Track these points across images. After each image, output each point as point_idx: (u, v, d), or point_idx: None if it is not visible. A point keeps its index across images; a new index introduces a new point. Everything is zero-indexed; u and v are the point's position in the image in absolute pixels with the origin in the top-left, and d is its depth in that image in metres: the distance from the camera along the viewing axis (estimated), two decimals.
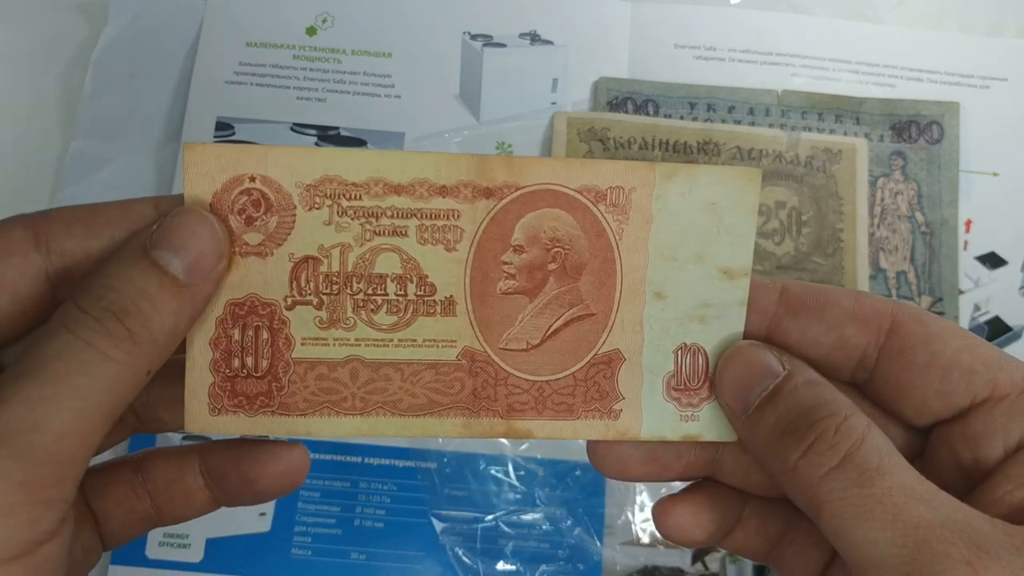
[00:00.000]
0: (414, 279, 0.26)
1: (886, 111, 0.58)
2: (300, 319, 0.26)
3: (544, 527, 0.52)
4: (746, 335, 0.28)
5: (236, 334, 0.26)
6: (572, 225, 0.27)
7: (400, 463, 0.53)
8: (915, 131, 0.58)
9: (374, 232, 0.26)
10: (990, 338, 0.56)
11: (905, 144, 0.58)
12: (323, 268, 0.26)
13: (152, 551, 0.52)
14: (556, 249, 0.27)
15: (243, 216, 0.26)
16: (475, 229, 0.26)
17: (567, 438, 0.27)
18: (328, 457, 0.53)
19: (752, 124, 0.58)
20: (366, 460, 0.53)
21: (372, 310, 0.26)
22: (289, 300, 0.26)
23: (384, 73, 0.59)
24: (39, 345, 0.22)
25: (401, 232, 0.26)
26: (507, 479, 0.53)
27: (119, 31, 0.60)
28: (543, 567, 0.52)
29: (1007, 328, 0.57)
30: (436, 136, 0.58)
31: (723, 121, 0.58)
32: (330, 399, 0.26)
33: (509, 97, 0.59)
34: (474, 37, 0.60)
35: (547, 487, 0.53)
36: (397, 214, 0.26)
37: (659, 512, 0.29)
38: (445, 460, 0.53)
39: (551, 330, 0.27)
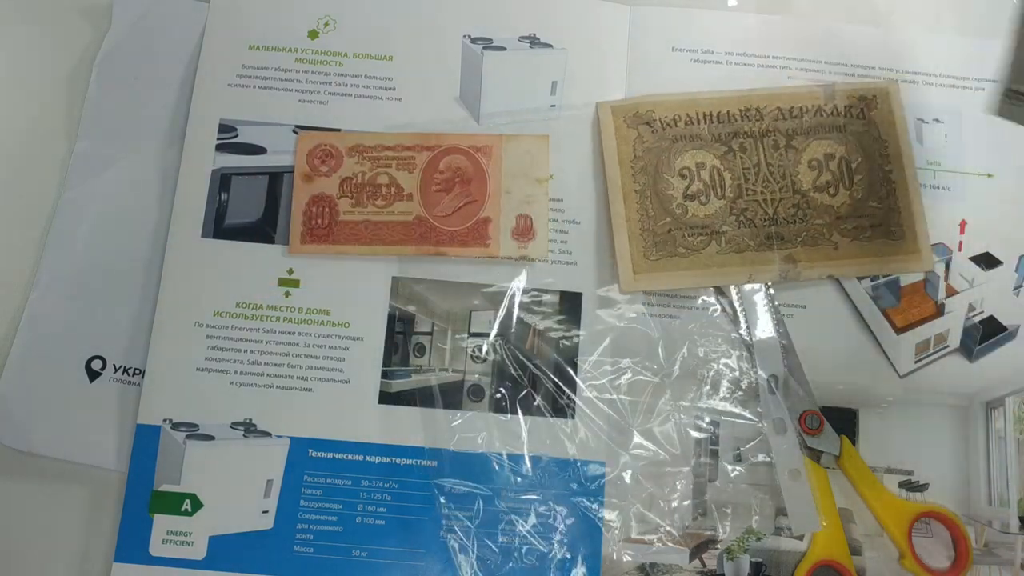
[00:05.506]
0: (394, 185, 0.57)
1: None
2: (344, 203, 0.56)
3: (544, 523, 0.53)
4: None
5: (315, 210, 0.56)
6: (465, 162, 0.57)
7: (401, 461, 0.54)
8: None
9: (376, 165, 0.57)
10: (985, 338, 0.57)
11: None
12: (355, 181, 0.57)
13: (155, 548, 0.52)
14: (458, 171, 0.57)
15: (320, 160, 0.57)
16: (423, 163, 0.57)
17: (464, 256, 0.56)
18: (330, 455, 0.54)
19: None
20: (368, 458, 0.54)
21: (375, 199, 0.56)
22: (338, 195, 0.56)
23: (385, 76, 0.60)
24: None
25: (389, 165, 0.57)
26: (507, 475, 0.53)
27: (123, 34, 0.60)
28: (542, 562, 0.52)
29: (1002, 328, 0.57)
30: None
31: None
32: (355, 237, 0.56)
33: (509, 99, 0.59)
34: (474, 40, 0.60)
35: (546, 483, 0.53)
36: (387, 158, 0.57)
37: None
38: (446, 457, 0.54)
39: (456, 208, 0.56)
